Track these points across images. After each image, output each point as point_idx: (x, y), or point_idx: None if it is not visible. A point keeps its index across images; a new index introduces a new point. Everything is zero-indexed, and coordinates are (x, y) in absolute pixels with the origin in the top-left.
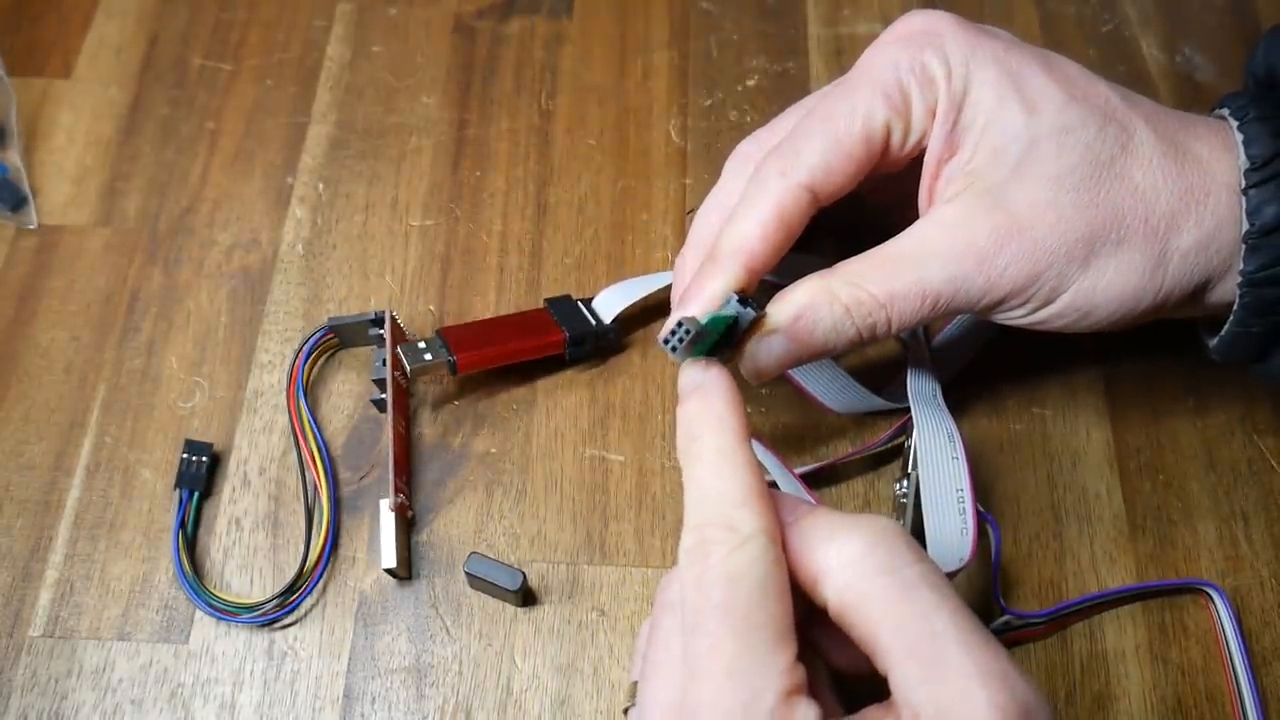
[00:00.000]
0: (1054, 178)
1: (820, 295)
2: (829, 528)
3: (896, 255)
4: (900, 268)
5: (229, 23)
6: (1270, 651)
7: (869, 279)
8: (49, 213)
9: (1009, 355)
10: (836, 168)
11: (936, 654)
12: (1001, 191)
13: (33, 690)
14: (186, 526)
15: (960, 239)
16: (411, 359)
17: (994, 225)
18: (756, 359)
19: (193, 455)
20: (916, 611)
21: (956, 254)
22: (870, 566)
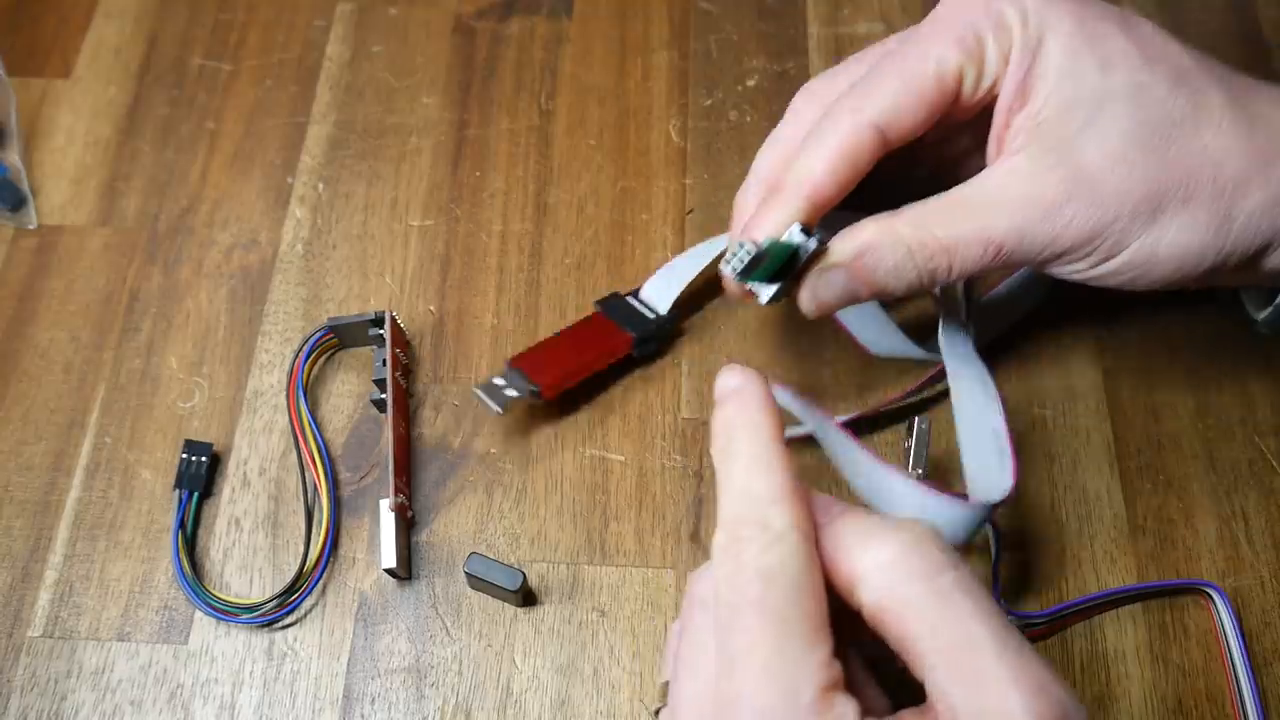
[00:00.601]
0: (1124, 134)
1: (885, 235)
2: (865, 530)
3: (963, 201)
4: (966, 214)
5: (228, 23)
6: (1271, 652)
7: (934, 223)
8: (49, 213)
9: (1009, 355)
10: (907, 109)
11: (974, 661)
12: (1071, 145)
13: (32, 691)
14: (186, 527)
15: (1028, 189)
16: (497, 399)
17: (1062, 178)
18: (816, 292)
19: (192, 455)
20: (953, 617)
21: (1023, 204)
22: (907, 572)
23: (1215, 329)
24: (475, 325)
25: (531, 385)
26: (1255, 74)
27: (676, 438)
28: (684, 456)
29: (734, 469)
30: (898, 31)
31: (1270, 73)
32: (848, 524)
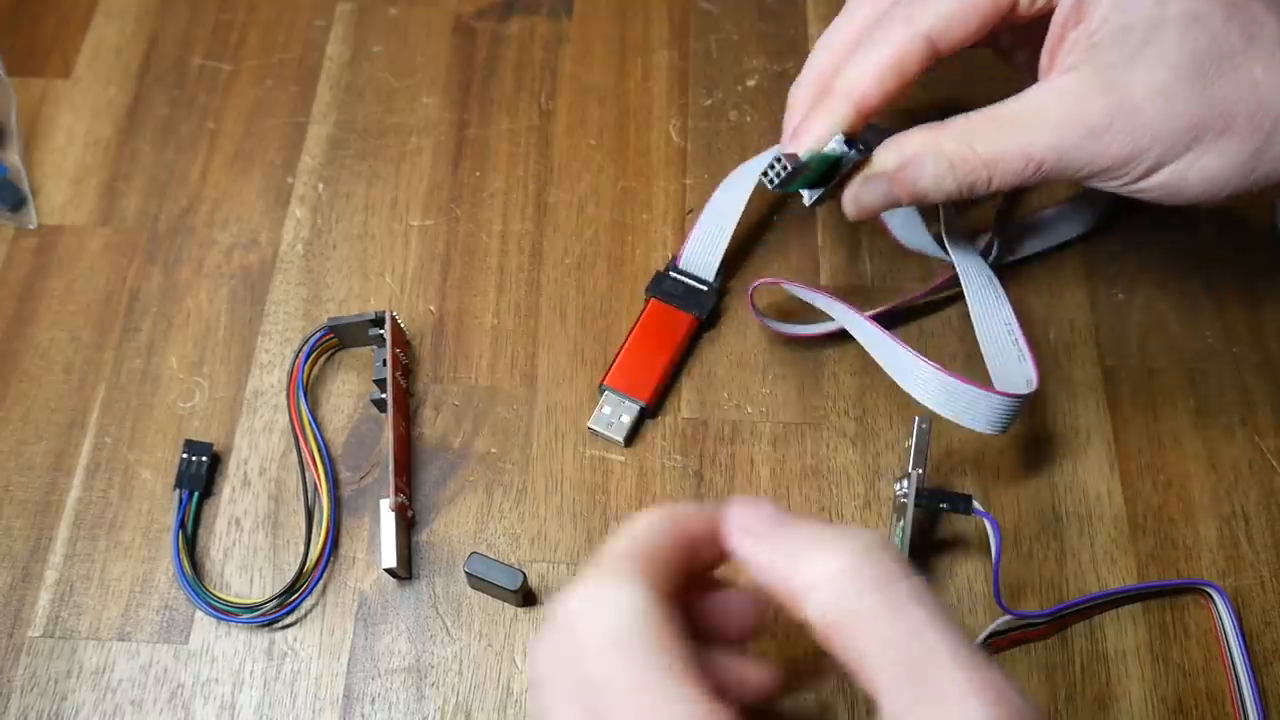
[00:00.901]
0: (1173, 67)
1: (928, 147)
2: (813, 539)
3: (1007, 117)
4: (1009, 129)
5: (229, 23)
6: (1271, 651)
7: (977, 137)
8: (49, 213)
9: None
10: (960, 20)
11: (929, 672)
12: (1120, 70)
13: (32, 691)
14: (186, 527)
15: (1073, 111)
16: (616, 431)
17: (1106, 104)
18: (859, 199)
19: (192, 455)
20: (906, 629)
21: (1067, 124)
22: (858, 584)
23: (1215, 329)
24: (475, 325)
25: (638, 403)
26: None
27: (676, 438)
28: (684, 456)
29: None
30: None
31: None
32: (795, 533)
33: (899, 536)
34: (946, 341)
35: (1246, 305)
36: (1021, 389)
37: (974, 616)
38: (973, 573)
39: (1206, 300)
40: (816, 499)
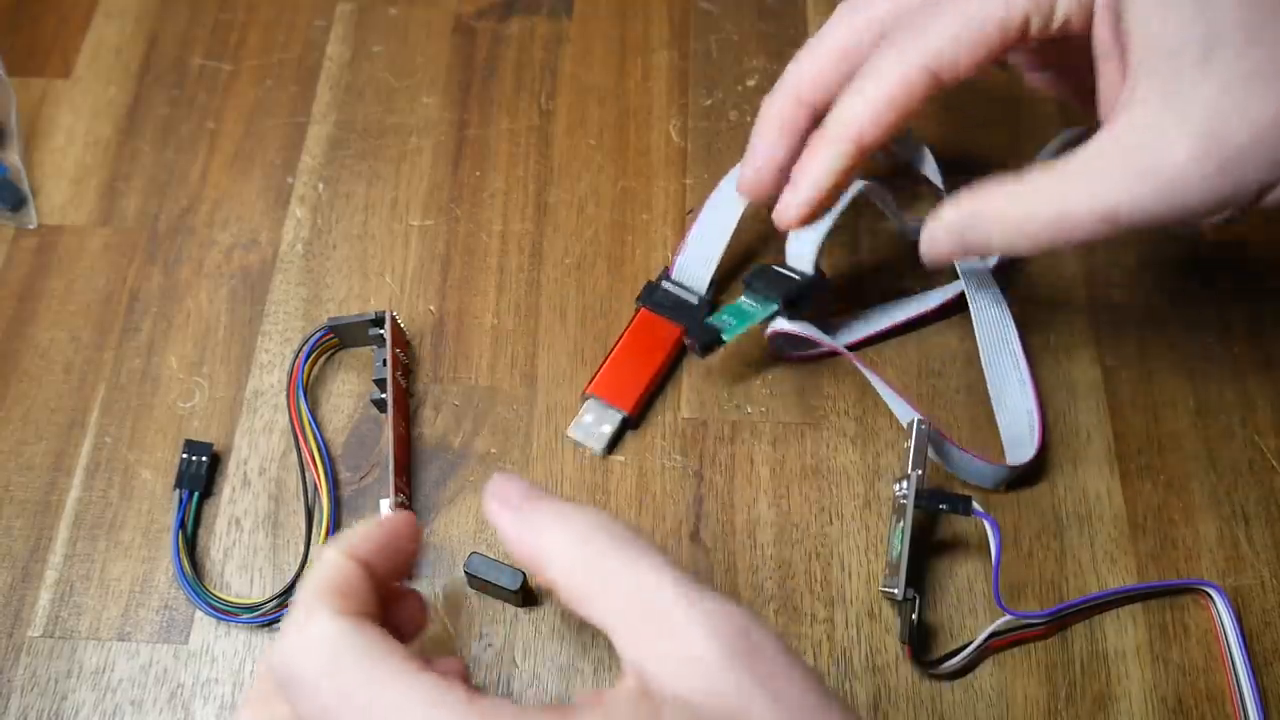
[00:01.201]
0: (1247, 75)
1: (990, 209)
2: (553, 514)
3: (1075, 172)
4: (1077, 185)
5: (229, 23)
6: (1271, 651)
7: (1041, 198)
8: (49, 213)
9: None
10: (965, 54)
11: (656, 613)
12: (1189, 96)
13: (32, 690)
14: (186, 527)
15: (1144, 159)
16: (594, 438)
17: (1184, 140)
18: (928, 251)
19: (192, 455)
20: (634, 581)
21: (1143, 175)
22: (588, 544)
23: (1216, 329)
24: (475, 325)
25: (621, 413)
26: None
27: (676, 438)
28: (684, 456)
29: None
30: None
31: None
32: (540, 506)
33: (899, 537)
34: (947, 338)
35: (1247, 305)
36: (1022, 423)
37: (974, 616)
38: (973, 573)
39: (1206, 300)
40: (816, 499)
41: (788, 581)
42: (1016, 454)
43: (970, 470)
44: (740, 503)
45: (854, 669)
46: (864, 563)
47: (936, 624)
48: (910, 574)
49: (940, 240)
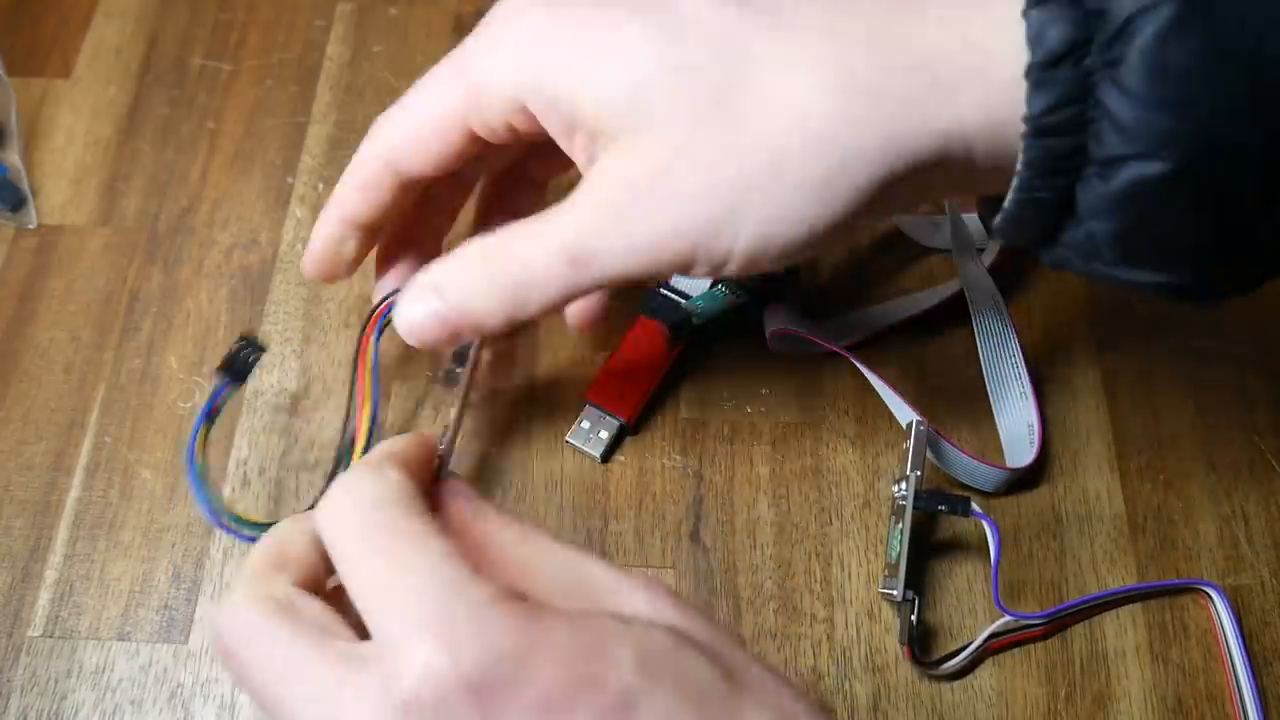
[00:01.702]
0: (686, 112)
1: (469, 250)
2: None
3: (548, 215)
4: (547, 223)
5: (229, 23)
6: (1271, 651)
7: (516, 236)
8: (49, 213)
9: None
10: (419, 144)
11: (585, 582)
12: (631, 136)
13: (32, 690)
14: (212, 418)
15: (598, 194)
16: (592, 444)
17: (628, 171)
18: (409, 324)
19: (245, 346)
20: (552, 553)
21: (595, 207)
22: (339, 512)
23: (1216, 328)
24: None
25: (618, 420)
26: None
27: (676, 438)
28: (684, 456)
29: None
30: None
31: None
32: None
33: (898, 538)
34: (948, 338)
35: (1247, 305)
36: (1022, 428)
37: (974, 617)
38: (972, 573)
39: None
40: (816, 499)
41: (788, 581)
42: (1016, 456)
43: (969, 472)
44: (740, 503)
45: (854, 669)
46: (864, 563)
47: (936, 625)
48: (909, 575)
49: (419, 304)
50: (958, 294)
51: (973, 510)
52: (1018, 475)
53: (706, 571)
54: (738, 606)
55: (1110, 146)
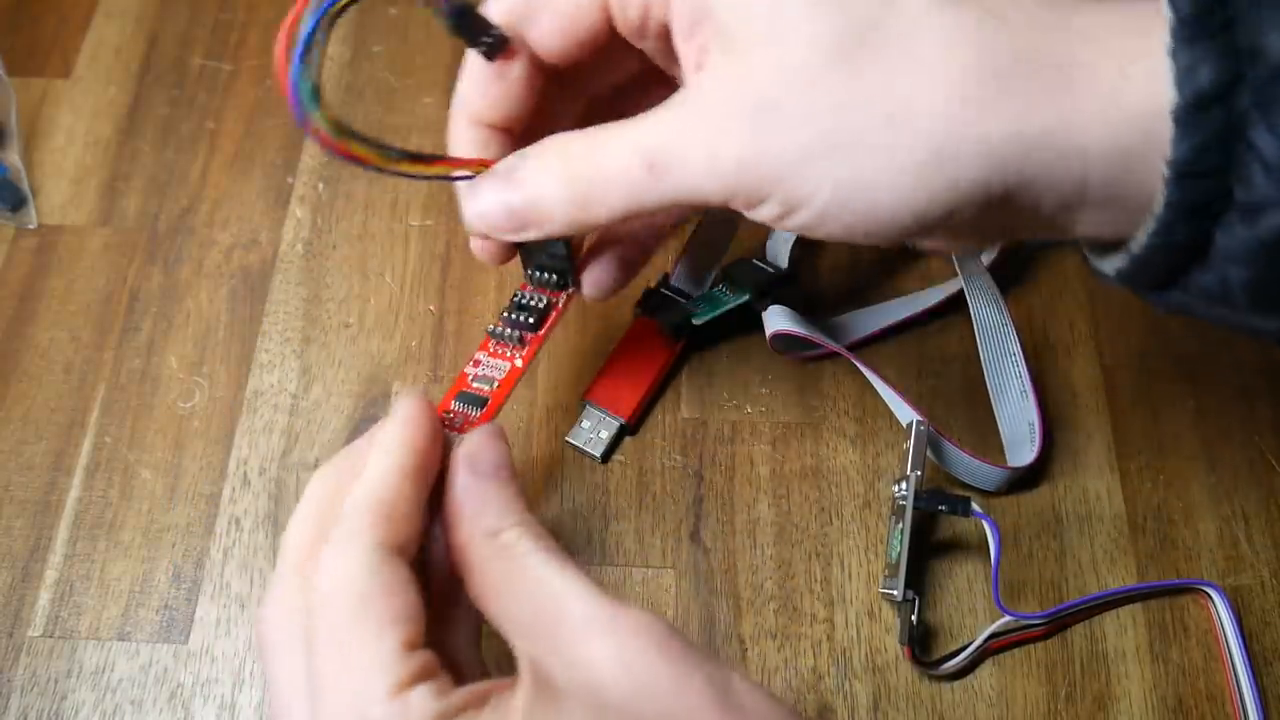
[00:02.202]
0: (809, 41)
1: (550, 143)
2: (494, 507)
3: (629, 121)
4: (626, 128)
5: (229, 23)
6: (1271, 651)
7: (596, 140)
8: (49, 213)
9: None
10: (557, 34)
11: (552, 614)
12: (744, 56)
13: (32, 690)
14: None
15: (693, 109)
16: (592, 444)
17: (729, 92)
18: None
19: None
20: (526, 578)
21: (685, 121)
22: (505, 551)
23: (1216, 329)
24: (475, 325)
25: (618, 420)
26: None
27: (676, 438)
28: (684, 456)
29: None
30: None
31: None
32: (489, 494)
33: (898, 538)
34: (947, 338)
35: None
36: (1023, 427)
37: (974, 617)
38: (972, 573)
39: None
40: (816, 499)
41: (788, 581)
42: (1017, 455)
43: (971, 471)
44: (740, 503)
45: (854, 669)
46: (864, 563)
47: (936, 624)
48: (909, 575)
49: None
50: (957, 293)
51: (973, 510)
52: (1019, 474)
53: (706, 571)
54: (738, 606)
55: (1258, 191)
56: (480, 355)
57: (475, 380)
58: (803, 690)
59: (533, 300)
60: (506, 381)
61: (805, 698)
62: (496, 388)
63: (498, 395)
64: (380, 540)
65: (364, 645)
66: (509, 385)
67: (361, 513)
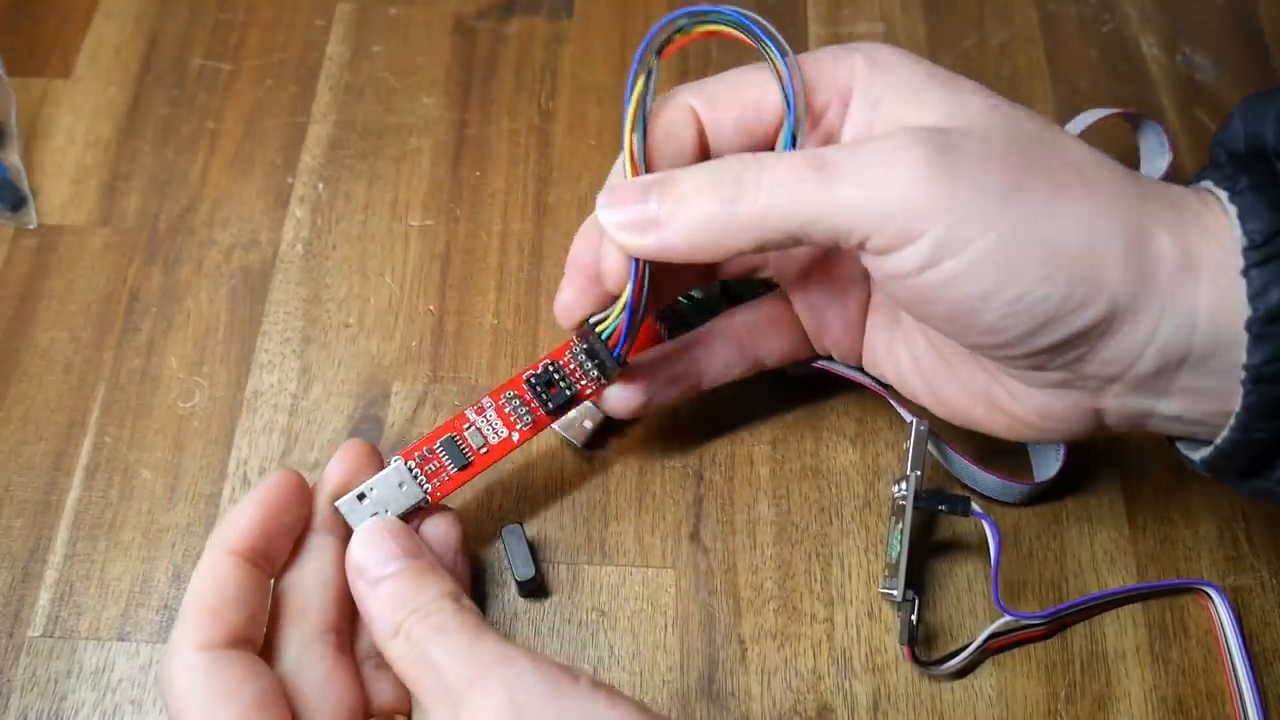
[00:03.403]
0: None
1: (703, 168)
2: (391, 596)
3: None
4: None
5: (229, 23)
6: (1271, 651)
7: (766, 169)
8: (49, 213)
9: None
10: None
11: (457, 690)
12: (938, 132)
13: (32, 690)
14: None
15: (886, 153)
16: (574, 432)
17: (924, 150)
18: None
19: None
20: (424, 662)
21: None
22: (415, 631)
23: None
24: (475, 325)
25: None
26: (1254, 74)
27: (676, 438)
28: (684, 456)
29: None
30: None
31: (1269, 71)
32: (379, 592)
33: (898, 539)
34: None
35: None
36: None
37: (974, 617)
38: (972, 572)
39: None
40: (816, 499)
41: (788, 581)
42: (1043, 469)
43: (988, 486)
44: (740, 503)
45: (854, 669)
46: (864, 563)
47: (936, 624)
48: (909, 575)
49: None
50: None
51: (973, 510)
52: (1043, 488)
53: (706, 571)
54: (738, 606)
55: None
56: (487, 402)
57: (470, 430)
58: (803, 690)
59: (562, 381)
60: (497, 450)
61: (805, 698)
62: (485, 453)
63: (482, 461)
64: (204, 643)
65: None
66: (498, 455)
67: (184, 616)
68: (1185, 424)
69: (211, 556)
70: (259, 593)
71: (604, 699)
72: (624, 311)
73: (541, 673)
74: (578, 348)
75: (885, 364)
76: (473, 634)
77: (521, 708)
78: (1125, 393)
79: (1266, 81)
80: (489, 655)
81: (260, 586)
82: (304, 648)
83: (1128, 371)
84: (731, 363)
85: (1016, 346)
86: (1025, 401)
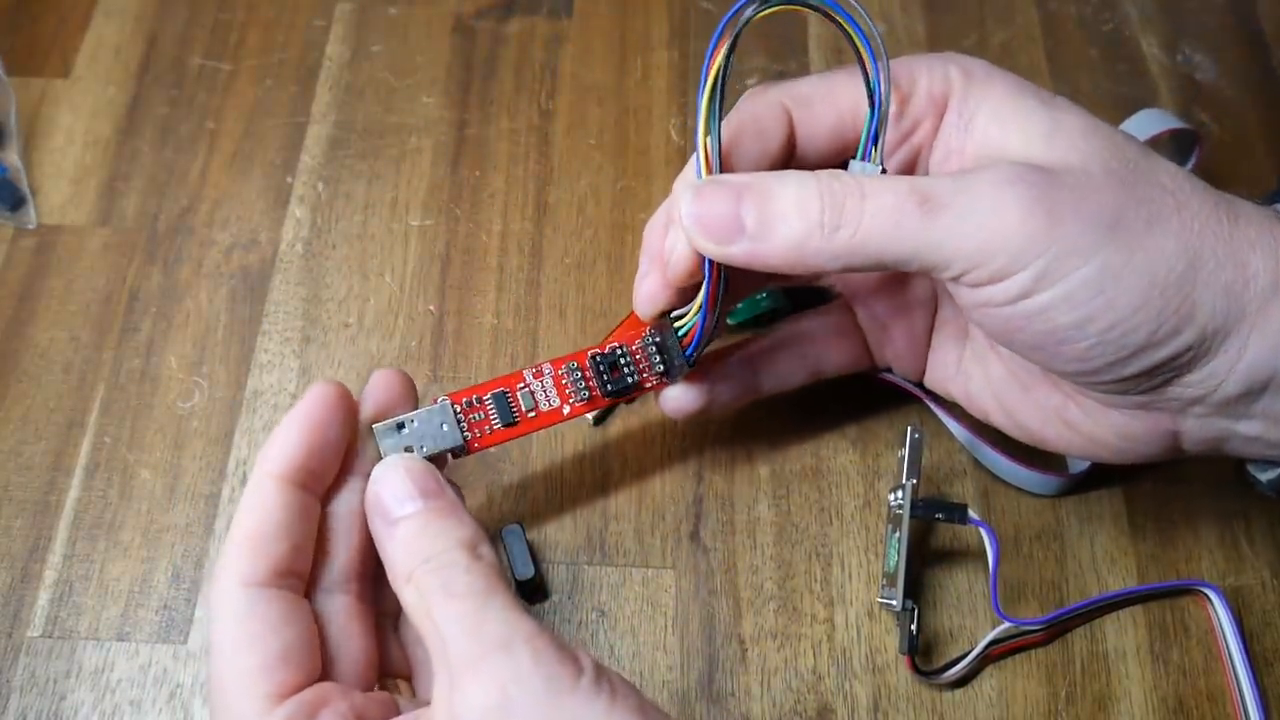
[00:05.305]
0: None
1: (800, 177)
2: (414, 537)
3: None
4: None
5: (228, 23)
6: (1271, 652)
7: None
8: (48, 213)
9: None
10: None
11: (452, 660)
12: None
13: (31, 691)
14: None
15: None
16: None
17: (1032, 181)
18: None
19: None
20: (432, 618)
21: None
22: (429, 582)
23: None
24: (475, 325)
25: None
26: (1254, 74)
27: (676, 438)
28: (684, 456)
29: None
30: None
31: (1269, 71)
32: (396, 532)
33: (896, 548)
34: None
35: None
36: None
37: (974, 620)
38: (972, 577)
39: None
40: (816, 499)
41: (788, 581)
42: (1075, 460)
43: (1020, 478)
44: (740, 503)
45: (854, 669)
46: (864, 563)
47: (936, 629)
48: (908, 583)
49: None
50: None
51: (970, 518)
52: (1078, 479)
53: (706, 571)
54: (738, 606)
55: None
56: (547, 368)
57: (522, 391)
58: (803, 690)
59: (627, 367)
60: (545, 418)
61: (805, 698)
62: (534, 418)
63: (527, 424)
64: (244, 578)
65: (239, 697)
66: (544, 423)
67: (229, 543)
68: (1264, 446)
69: (256, 481)
70: (305, 520)
71: (603, 705)
72: (699, 313)
73: (540, 670)
74: (649, 339)
75: (953, 382)
76: (481, 600)
77: (512, 706)
78: (1207, 414)
79: (1266, 81)
80: (491, 635)
81: (307, 511)
82: (326, 594)
83: (1212, 394)
84: (793, 371)
85: (1103, 374)
86: (1101, 421)
